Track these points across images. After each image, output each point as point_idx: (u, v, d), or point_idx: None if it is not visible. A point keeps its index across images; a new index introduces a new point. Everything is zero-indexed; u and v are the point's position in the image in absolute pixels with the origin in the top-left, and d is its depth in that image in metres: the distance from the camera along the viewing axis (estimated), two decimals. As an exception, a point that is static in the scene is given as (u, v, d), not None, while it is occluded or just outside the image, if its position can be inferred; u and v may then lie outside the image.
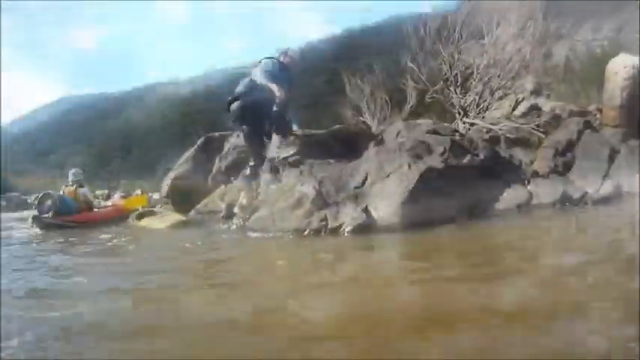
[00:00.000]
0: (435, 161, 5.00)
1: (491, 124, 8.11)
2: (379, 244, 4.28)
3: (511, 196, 5.53)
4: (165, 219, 7.14)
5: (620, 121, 8.85)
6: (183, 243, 4.85)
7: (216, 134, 10.20)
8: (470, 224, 4.94)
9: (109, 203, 11.39)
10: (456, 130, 7.40)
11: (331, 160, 5.64)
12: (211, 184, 8.51)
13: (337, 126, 7.41)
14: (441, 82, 8.52)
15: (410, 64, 9.30)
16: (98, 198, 12.34)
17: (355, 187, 4.94)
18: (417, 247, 4.07)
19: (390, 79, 14.54)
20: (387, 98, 13.08)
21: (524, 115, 8.82)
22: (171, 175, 10.14)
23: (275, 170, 6.36)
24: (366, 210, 4.70)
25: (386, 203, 4.68)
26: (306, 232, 4.63)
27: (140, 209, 8.43)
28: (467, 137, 6.14)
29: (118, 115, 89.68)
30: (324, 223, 4.64)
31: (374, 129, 10.40)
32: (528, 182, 6.24)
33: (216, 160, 8.91)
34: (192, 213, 7.81)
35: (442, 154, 5.16)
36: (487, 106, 8.63)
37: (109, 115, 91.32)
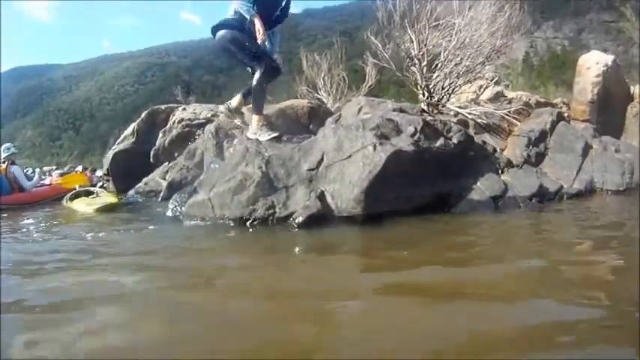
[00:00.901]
0: (405, 143, 4.23)
1: (459, 107, 7.45)
2: (335, 242, 3.50)
3: (485, 187, 4.88)
4: (94, 201, 6.27)
5: (590, 116, 8.75)
6: (92, 232, 4.03)
7: (162, 107, 9.68)
8: (441, 217, 4.30)
9: (46, 182, 10.24)
10: (424, 111, 6.70)
11: (282, 137, 4.91)
12: (153, 160, 8.04)
13: (287, 101, 6.67)
14: (407, 60, 7.73)
15: (372, 39, 8.45)
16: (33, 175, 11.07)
17: (309, 170, 4.15)
18: (381, 247, 3.27)
19: (349, 58, 13.83)
20: (344, 75, 12.29)
21: (490, 101, 8.28)
22: (112, 150, 9.68)
23: (220, 146, 5.61)
24: (321, 197, 3.95)
25: (345, 190, 3.92)
26: (249, 222, 3.84)
27: (77, 188, 7.48)
28: (439, 119, 5.39)
29: (70, 88, 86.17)
30: (271, 211, 3.85)
31: (330, 106, 9.63)
32: (502, 172, 5.74)
33: (160, 135, 8.31)
34: (130, 193, 7.37)
35: (412, 135, 4.42)
36: (453, 90, 7.96)
37: (61, 87, 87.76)
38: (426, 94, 7.74)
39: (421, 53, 7.40)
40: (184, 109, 8.82)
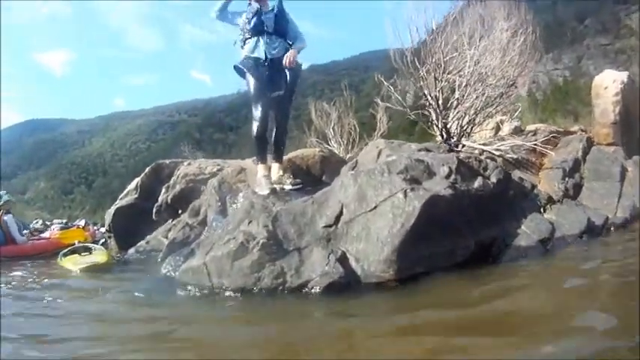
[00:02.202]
0: (440, 186, 3.45)
1: (484, 144, 6.68)
2: (367, 318, 2.60)
3: (531, 229, 4.08)
4: (84, 259, 5.68)
5: (614, 139, 8.07)
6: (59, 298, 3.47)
7: (167, 161, 9.01)
8: (488, 270, 3.47)
9: (46, 234, 9.68)
10: (452, 150, 5.93)
11: (289, 189, 4.36)
12: (156, 217, 7.33)
13: (296, 151, 5.98)
14: (422, 98, 7.01)
15: (383, 82, 7.79)
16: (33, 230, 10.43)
17: (325, 226, 3.35)
18: (429, 323, 2.36)
19: (357, 111, 13.25)
20: (355, 124, 11.62)
21: (511, 136, 7.56)
22: (115, 205, 8.95)
23: (223, 202, 4.97)
24: (342, 260, 3.13)
25: (373, 250, 3.11)
26: (255, 290, 3.07)
27: (77, 244, 6.71)
28: (473, 156, 4.62)
29: (83, 143, 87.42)
30: (280, 280, 3.05)
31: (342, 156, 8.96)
32: (544, 210, 4.93)
33: (162, 190, 7.56)
34: (131, 251, 6.77)
35: (447, 176, 3.64)
36: (472, 127, 7.22)
37: (73, 142, 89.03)
38: (444, 134, 6.99)
39: (438, 89, 6.69)
40: (189, 164, 8.18)
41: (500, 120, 9.66)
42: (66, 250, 6.33)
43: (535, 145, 6.41)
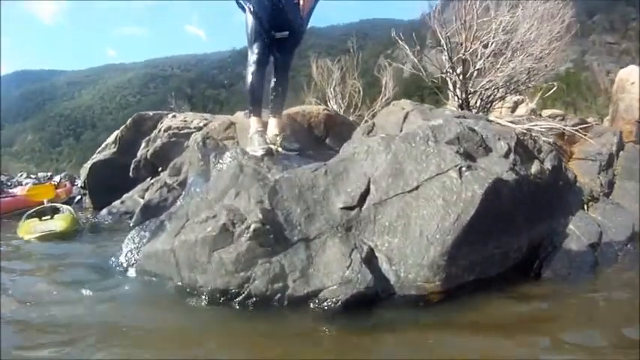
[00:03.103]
0: (500, 167, 2.48)
1: (512, 122, 5.71)
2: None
3: (581, 230, 3.20)
4: (39, 226, 4.79)
5: (636, 137, 7.37)
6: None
7: (150, 113, 8.35)
8: (539, 286, 2.62)
9: (17, 191, 8.93)
10: (489, 121, 4.98)
11: (290, 153, 3.42)
12: (133, 174, 6.73)
13: (297, 107, 5.02)
14: (449, 63, 5.96)
15: (398, 40, 6.70)
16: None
17: (345, 208, 2.36)
18: None
19: (365, 67, 12.12)
20: (360, 86, 10.53)
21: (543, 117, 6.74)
22: (91, 160, 8.48)
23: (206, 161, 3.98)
24: (369, 259, 2.16)
25: (414, 249, 2.17)
26: (241, 296, 2.09)
27: (45, 203, 5.87)
28: (528, 133, 3.67)
29: (72, 95, 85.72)
30: (279, 285, 2.06)
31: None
32: (587, 207, 4.04)
33: (142, 145, 6.88)
34: (103, 212, 6.19)
35: (506, 155, 2.67)
36: (493, 103, 6.24)
37: (63, 93, 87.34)
38: (464, 106, 5.99)
39: (469, 52, 5.65)
40: (174, 116, 7.42)
41: (517, 99, 8.86)
42: (31, 211, 5.51)
43: (575, 130, 5.48)
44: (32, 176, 14.26)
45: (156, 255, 2.47)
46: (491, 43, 5.75)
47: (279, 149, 3.51)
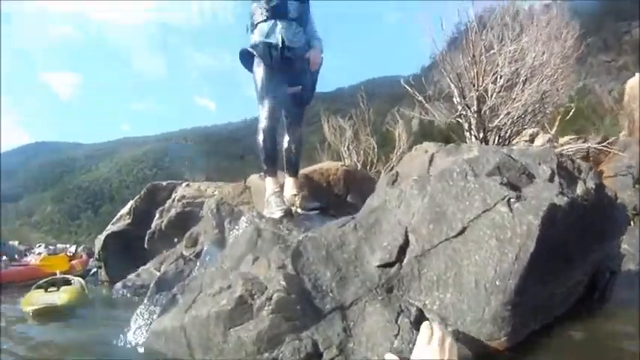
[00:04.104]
0: (549, 192, 2.11)
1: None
2: None
3: (635, 248, 3.13)
4: (41, 299, 4.43)
5: None
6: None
7: (164, 183, 8.02)
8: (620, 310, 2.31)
9: (29, 260, 8.79)
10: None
11: (310, 213, 3.23)
12: (148, 246, 6.44)
13: (314, 165, 4.84)
14: (462, 102, 5.69)
15: (408, 88, 6.51)
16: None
17: (382, 266, 1.99)
18: None
19: (375, 126, 12.03)
20: (373, 141, 10.32)
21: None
22: (105, 231, 8.00)
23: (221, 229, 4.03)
24: (419, 321, 1.74)
25: (470, 302, 1.81)
26: None
27: (58, 274, 5.66)
28: (565, 154, 3.34)
29: (90, 168, 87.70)
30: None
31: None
32: (633, 222, 4.07)
33: (156, 215, 6.57)
34: (117, 286, 5.80)
35: (551, 179, 2.30)
36: (509, 138, 5.93)
37: (81, 166, 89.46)
38: (483, 144, 5.68)
39: (482, 87, 5.40)
40: (188, 185, 7.24)
41: (533, 132, 8.61)
42: (41, 282, 5.24)
43: (603, 146, 5.20)
44: (51, 247, 14.20)
45: (165, 333, 2.13)
46: (500, 77, 5.52)
47: (299, 210, 3.27)
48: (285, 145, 3.69)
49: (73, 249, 12.02)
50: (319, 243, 2.05)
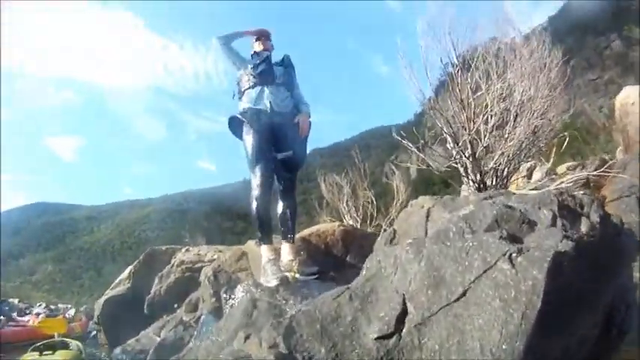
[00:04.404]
0: (552, 239, 2.00)
1: (535, 189, 5.29)
2: None
3: None
4: None
5: None
6: None
7: (163, 247, 8.34)
8: None
9: (27, 320, 8.87)
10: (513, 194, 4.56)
11: (309, 278, 3.15)
12: (148, 311, 6.61)
13: (312, 227, 4.75)
14: (456, 148, 5.63)
15: (401, 139, 6.43)
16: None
17: (381, 338, 1.86)
18: None
19: (373, 178, 12.03)
20: (372, 196, 10.26)
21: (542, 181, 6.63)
22: (105, 295, 8.22)
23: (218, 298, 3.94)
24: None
25: None
26: None
27: (56, 336, 6.04)
28: (565, 190, 3.26)
29: (92, 229, 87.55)
30: None
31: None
32: None
33: (155, 281, 6.78)
34: (116, 351, 5.79)
35: (553, 223, 2.22)
36: (509, 176, 5.83)
37: (82, 227, 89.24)
38: (481, 186, 5.60)
39: (473, 131, 5.35)
40: (187, 250, 7.45)
41: (530, 166, 8.54)
42: (39, 344, 5.23)
43: (603, 172, 5.14)
44: (52, 306, 14.03)
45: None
46: (491, 117, 5.48)
47: (297, 275, 3.21)
48: (280, 211, 3.66)
49: (72, 312, 11.90)
50: (313, 317, 1.94)
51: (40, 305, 12.89)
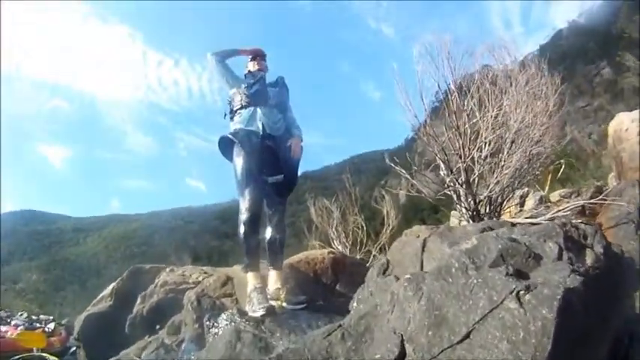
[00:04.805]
0: (560, 274, 1.90)
1: (531, 217, 5.20)
2: None
3: None
4: None
5: None
6: None
7: (147, 266, 7.85)
8: None
9: (5, 331, 8.56)
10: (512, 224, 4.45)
11: (297, 307, 3.03)
12: (129, 331, 6.28)
13: (299, 254, 4.62)
14: (450, 175, 5.53)
15: (393, 165, 6.34)
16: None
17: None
18: None
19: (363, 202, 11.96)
20: (361, 221, 10.14)
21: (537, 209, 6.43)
22: (86, 311, 7.77)
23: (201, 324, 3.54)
24: None
25: None
26: None
27: (35, 351, 6.06)
28: (568, 221, 3.17)
29: (78, 241, 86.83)
30: None
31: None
32: None
33: (138, 300, 6.43)
34: None
35: (559, 256, 2.11)
36: (502, 203, 5.76)
37: (69, 238, 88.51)
38: (474, 216, 5.49)
39: (467, 159, 5.27)
40: (172, 270, 7.10)
41: (523, 193, 8.49)
42: (17, 358, 5.49)
43: (600, 200, 5.05)
44: (34, 316, 13.72)
45: None
46: (486, 145, 5.41)
47: (284, 304, 3.07)
48: (268, 237, 3.52)
49: (52, 325, 11.58)
50: (302, 356, 1.79)
51: (21, 314, 12.60)
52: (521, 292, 1.70)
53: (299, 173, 3.87)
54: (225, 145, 3.62)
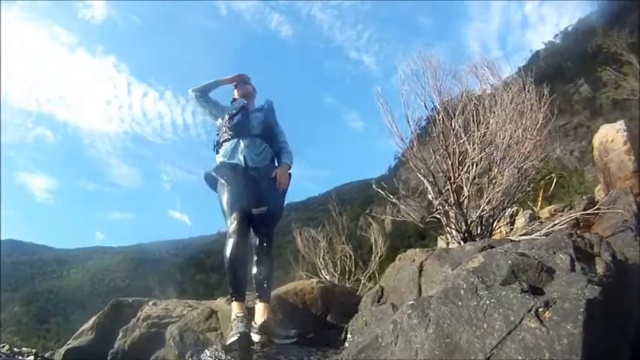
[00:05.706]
0: (577, 286, 1.76)
1: (525, 234, 5.08)
2: None
3: None
4: None
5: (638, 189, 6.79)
6: None
7: (129, 299, 7.52)
8: None
9: None
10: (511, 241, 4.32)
11: (286, 342, 2.88)
12: None
13: (288, 284, 4.43)
14: (439, 198, 5.40)
15: (380, 191, 6.24)
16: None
17: None
18: None
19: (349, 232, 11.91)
20: (349, 250, 10.00)
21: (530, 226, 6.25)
22: (66, 345, 7.37)
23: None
24: None
25: None
26: None
27: None
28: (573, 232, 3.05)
29: (61, 273, 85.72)
30: None
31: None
32: None
33: (119, 334, 6.11)
34: None
35: (571, 268, 1.99)
36: (494, 223, 5.64)
37: (52, 270, 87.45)
38: (466, 235, 5.36)
39: (457, 180, 5.15)
40: (155, 303, 6.90)
41: (512, 211, 8.43)
42: None
43: (597, 211, 4.95)
44: (15, 349, 13.25)
45: None
46: (475, 164, 5.30)
47: (274, 340, 2.90)
48: (255, 270, 3.35)
49: (32, 359, 11.16)
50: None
51: (3, 347, 12.18)
52: (541, 309, 1.55)
53: (285, 202, 3.78)
54: (212, 179, 3.55)
